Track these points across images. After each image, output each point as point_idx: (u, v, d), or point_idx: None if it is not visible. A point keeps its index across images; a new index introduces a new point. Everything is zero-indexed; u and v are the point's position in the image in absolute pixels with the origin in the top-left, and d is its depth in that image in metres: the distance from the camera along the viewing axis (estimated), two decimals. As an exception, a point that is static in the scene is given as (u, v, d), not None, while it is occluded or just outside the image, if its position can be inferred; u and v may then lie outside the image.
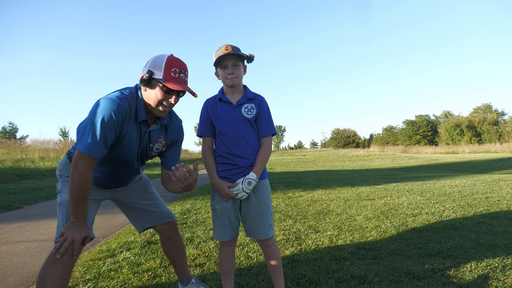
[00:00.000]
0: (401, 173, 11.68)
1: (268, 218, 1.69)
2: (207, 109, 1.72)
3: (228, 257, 1.74)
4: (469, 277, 2.03)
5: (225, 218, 1.68)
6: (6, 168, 9.76)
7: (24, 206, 5.41)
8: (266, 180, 1.74)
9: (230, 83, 1.63)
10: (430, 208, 4.17)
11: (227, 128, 1.66)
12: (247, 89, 1.73)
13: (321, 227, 3.42)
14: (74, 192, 1.39)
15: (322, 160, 26.99)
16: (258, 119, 1.69)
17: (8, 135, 33.52)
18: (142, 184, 1.88)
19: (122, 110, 1.45)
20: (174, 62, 1.48)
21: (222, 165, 1.67)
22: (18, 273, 2.40)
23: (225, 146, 1.66)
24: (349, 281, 2.02)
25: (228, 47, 1.59)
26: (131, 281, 2.13)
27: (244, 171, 1.64)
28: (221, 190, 1.63)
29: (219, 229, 1.70)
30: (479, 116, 51.20)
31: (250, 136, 1.67)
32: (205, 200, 5.41)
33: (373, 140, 74.66)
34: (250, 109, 1.67)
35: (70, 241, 1.39)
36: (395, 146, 44.64)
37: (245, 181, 1.60)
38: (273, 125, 1.72)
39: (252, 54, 1.65)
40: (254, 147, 1.68)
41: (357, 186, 6.92)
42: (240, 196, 1.62)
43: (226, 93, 1.70)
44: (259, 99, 1.71)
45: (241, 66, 1.65)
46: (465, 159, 21.61)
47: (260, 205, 1.67)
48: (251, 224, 1.68)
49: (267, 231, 1.68)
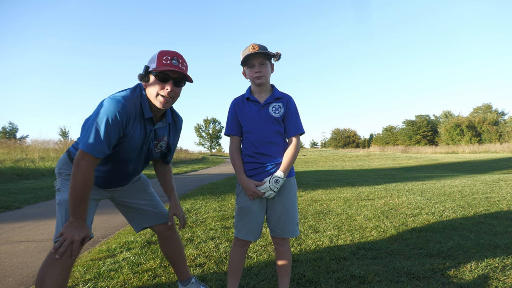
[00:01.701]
0: (401, 173, 11.68)
1: (294, 216, 1.69)
2: (234, 109, 1.72)
3: (240, 257, 1.74)
4: (469, 277, 2.03)
5: (251, 217, 1.67)
6: (6, 168, 9.75)
7: (24, 206, 5.41)
8: (293, 178, 1.74)
9: (257, 81, 1.63)
10: (430, 208, 4.17)
11: (255, 127, 1.66)
12: (275, 88, 1.73)
13: (321, 227, 3.42)
14: (75, 192, 1.39)
15: (322, 160, 27.00)
16: (285, 118, 1.69)
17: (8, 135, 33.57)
18: (141, 184, 1.89)
19: (127, 110, 1.45)
20: (166, 52, 1.52)
21: (249, 164, 1.68)
22: (18, 273, 2.40)
23: (252, 145, 1.66)
24: (349, 281, 2.02)
25: (255, 46, 1.60)
26: (131, 281, 2.13)
27: (271, 169, 1.64)
28: (249, 189, 1.63)
29: (245, 229, 1.68)
30: (479, 116, 51.20)
31: (277, 135, 1.67)
32: (205, 200, 5.42)
33: (373, 140, 74.67)
34: (278, 108, 1.67)
35: (70, 241, 1.39)
36: (395, 146, 44.64)
37: (272, 179, 1.60)
38: (301, 124, 1.72)
39: (279, 52, 1.65)
40: (281, 146, 1.68)
41: (357, 186, 6.92)
42: (267, 194, 1.62)
43: (254, 92, 1.71)
44: (286, 98, 1.71)
45: (268, 65, 1.66)
46: (465, 159, 21.61)
47: (287, 203, 1.67)
48: (277, 223, 1.68)
49: (293, 229, 1.68)
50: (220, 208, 4.62)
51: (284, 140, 1.71)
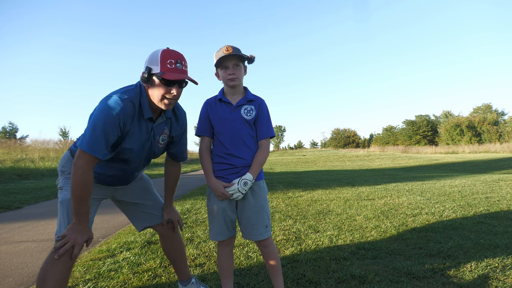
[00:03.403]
0: (401, 173, 11.68)
1: (264, 219, 1.69)
2: (206, 109, 1.72)
3: (226, 256, 1.75)
4: (469, 277, 2.03)
5: (220, 218, 1.68)
6: (6, 168, 9.75)
7: (24, 206, 5.41)
8: (262, 181, 1.74)
9: (231, 83, 1.63)
10: (430, 208, 4.16)
11: (226, 128, 1.66)
12: (248, 91, 1.73)
13: (321, 227, 3.42)
14: (76, 193, 1.39)
15: (322, 160, 26.99)
16: (257, 121, 1.70)
17: (8, 135, 33.51)
18: (143, 183, 1.89)
19: (125, 110, 1.45)
20: (169, 54, 1.48)
21: (219, 165, 1.68)
22: (18, 273, 2.40)
23: (223, 146, 1.67)
24: (349, 281, 2.02)
25: (229, 48, 1.59)
26: (131, 281, 2.13)
27: (240, 171, 1.65)
28: (217, 190, 1.64)
29: (214, 229, 1.71)
30: (479, 116, 51.17)
31: (248, 137, 1.67)
32: (205, 200, 5.41)
33: (373, 140, 74.63)
34: (250, 111, 1.68)
35: (71, 244, 1.39)
36: (395, 146, 44.64)
37: (241, 181, 1.60)
38: (272, 128, 1.73)
39: (252, 55, 1.66)
40: (251, 148, 1.68)
41: (357, 186, 6.92)
42: (235, 196, 1.62)
43: (226, 94, 1.71)
44: (259, 101, 1.72)
45: (242, 67, 1.66)
46: (465, 159, 21.60)
47: (256, 206, 1.68)
48: (247, 225, 1.69)
49: (263, 232, 1.68)
50: (220, 208, 4.62)
51: (255, 142, 1.71)
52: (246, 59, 1.66)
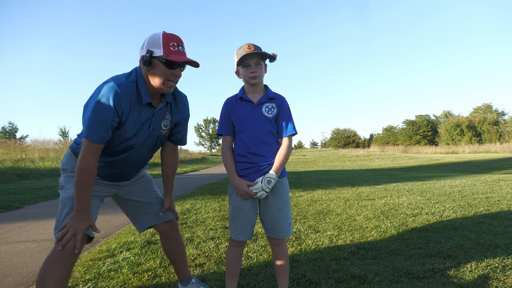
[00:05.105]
0: (401, 173, 11.67)
1: (287, 217, 1.70)
2: (227, 108, 1.72)
3: (237, 257, 1.74)
4: (469, 277, 2.03)
5: (244, 217, 1.67)
6: (6, 168, 9.75)
7: (24, 206, 5.41)
8: (285, 179, 1.74)
9: (252, 81, 1.63)
10: (430, 208, 4.16)
11: (247, 126, 1.66)
12: (268, 89, 1.73)
13: (321, 227, 3.42)
14: (80, 180, 1.41)
15: (322, 160, 26.99)
16: (278, 119, 1.69)
17: (8, 135, 33.54)
18: (146, 182, 1.89)
19: (121, 96, 1.44)
20: (171, 37, 1.48)
21: (241, 164, 1.68)
22: (18, 273, 2.40)
23: (245, 144, 1.66)
24: (349, 281, 2.02)
25: (251, 46, 1.59)
26: (131, 281, 2.13)
27: (263, 169, 1.65)
28: (241, 189, 1.63)
29: (237, 229, 1.69)
30: (479, 116, 51.16)
31: (269, 135, 1.67)
32: (205, 200, 5.42)
33: (373, 140, 74.62)
34: (271, 109, 1.68)
35: (73, 233, 1.39)
36: (395, 146, 44.62)
37: (264, 180, 1.60)
38: (294, 125, 1.72)
39: (275, 53, 1.65)
40: (273, 146, 1.68)
41: (357, 186, 6.92)
42: (259, 195, 1.62)
43: (247, 92, 1.71)
44: (280, 99, 1.71)
45: (263, 65, 1.66)
46: (465, 159, 21.60)
47: (279, 204, 1.67)
48: (271, 223, 1.68)
49: (286, 229, 1.69)
50: (220, 208, 4.62)
51: (277, 140, 1.71)
52: (268, 57, 1.66)
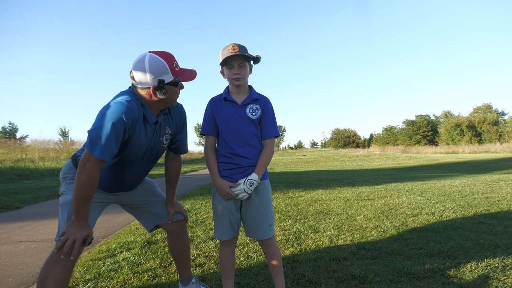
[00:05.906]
0: (401, 173, 11.67)
1: (268, 218, 1.70)
2: (211, 108, 1.72)
3: (229, 256, 1.75)
4: (469, 277, 2.03)
5: (225, 217, 1.68)
6: (6, 168, 9.75)
7: (24, 206, 5.42)
8: (267, 181, 1.74)
9: (236, 83, 1.63)
10: (430, 208, 4.16)
11: (231, 127, 1.66)
12: (253, 90, 1.73)
13: (321, 227, 3.42)
14: (79, 192, 1.40)
15: (322, 160, 26.99)
16: (262, 120, 1.69)
17: (8, 135, 33.49)
18: (147, 185, 1.90)
19: (132, 113, 1.47)
20: (169, 57, 1.52)
21: (224, 164, 1.68)
22: (18, 273, 2.41)
23: (228, 145, 1.67)
24: (349, 281, 2.02)
25: (235, 46, 1.59)
26: (131, 281, 2.13)
27: (246, 171, 1.65)
28: (223, 190, 1.63)
29: (220, 228, 1.70)
30: (479, 116, 51.15)
31: (253, 136, 1.67)
32: (205, 200, 5.42)
33: (373, 140, 74.65)
34: (255, 110, 1.67)
35: (72, 240, 1.39)
36: (395, 146, 44.63)
37: (247, 181, 1.60)
38: (277, 127, 1.73)
39: (258, 56, 1.66)
40: (256, 148, 1.68)
41: (357, 186, 6.92)
42: (241, 196, 1.62)
43: (232, 93, 1.71)
44: (264, 100, 1.71)
45: (247, 67, 1.66)
46: (465, 159, 21.60)
47: (261, 206, 1.68)
48: (251, 224, 1.69)
49: (267, 231, 1.69)
50: (220, 208, 4.62)
51: (260, 142, 1.71)
52: (252, 59, 1.66)
